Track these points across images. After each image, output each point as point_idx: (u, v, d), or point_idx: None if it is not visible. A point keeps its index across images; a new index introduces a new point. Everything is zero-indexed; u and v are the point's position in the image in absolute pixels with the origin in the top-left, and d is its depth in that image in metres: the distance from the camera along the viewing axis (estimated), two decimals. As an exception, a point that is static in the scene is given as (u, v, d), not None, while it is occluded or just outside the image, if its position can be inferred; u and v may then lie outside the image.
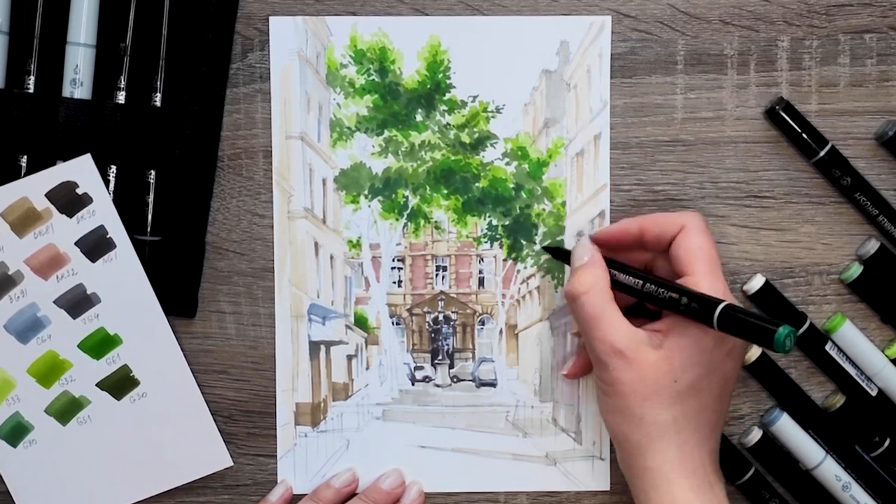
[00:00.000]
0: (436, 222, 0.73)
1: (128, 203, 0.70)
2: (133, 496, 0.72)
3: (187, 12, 0.69)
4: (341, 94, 0.72)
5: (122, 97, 0.70)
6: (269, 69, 0.71)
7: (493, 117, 0.72)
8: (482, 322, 0.74)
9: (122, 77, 0.70)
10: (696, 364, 0.63)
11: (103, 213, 0.70)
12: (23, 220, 0.69)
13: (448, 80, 0.72)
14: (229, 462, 0.73)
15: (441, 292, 0.74)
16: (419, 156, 0.72)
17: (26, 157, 0.70)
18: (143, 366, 0.71)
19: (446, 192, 0.73)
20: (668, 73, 0.72)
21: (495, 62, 0.72)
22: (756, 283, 0.71)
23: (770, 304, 0.71)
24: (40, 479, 0.71)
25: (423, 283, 0.74)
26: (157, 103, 0.70)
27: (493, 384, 0.74)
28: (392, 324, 0.74)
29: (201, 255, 0.72)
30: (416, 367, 0.74)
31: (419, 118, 0.72)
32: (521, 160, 0.72)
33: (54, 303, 0.70)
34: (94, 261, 0.70)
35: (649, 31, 0.72)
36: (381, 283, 0.73)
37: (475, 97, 0.72)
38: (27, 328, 0.70)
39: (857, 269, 0.72)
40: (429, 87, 0.72)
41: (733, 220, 0.72)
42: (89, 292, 0.70)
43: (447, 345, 0.74)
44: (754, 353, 0.71)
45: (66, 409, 0.71)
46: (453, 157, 0.72)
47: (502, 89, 0.72)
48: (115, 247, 0.70)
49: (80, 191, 0.69)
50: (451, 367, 0.74)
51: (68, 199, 0.70)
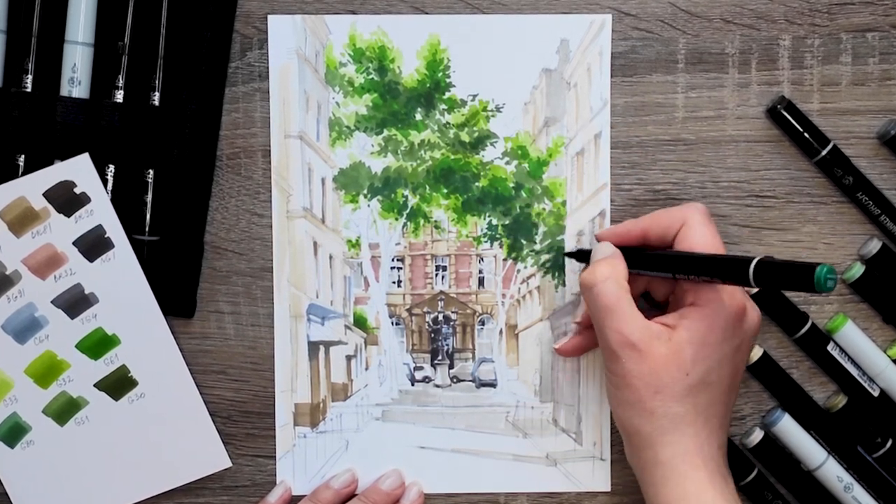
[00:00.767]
0: (435, 222, 0.73)
1: (126, 202, 0.70)
2: (131, 497, 0.72)
3: (186, 11, 0.69)
4: (340, 93, 0.72)
5: (120, 96, 0.70)
6: (268, 68, 0.71)
7: (492, 116, 0.72)
8: (482, 322, 0.74)
9: (120, 76, 0.70)
10: (706, 357, 0.63)
11: (101, 212, 0.70)
12: (20, 220, 0.69)
13: (448, 79, 0.72)
14: (228, 463, 0.72)
15: (441, 292, 0.74)
16: (419, 155, 0.72)
17: (24, 156, 0.70)
18: (142, 366, 0.71)
19: (446, 191, 0.72)
20: (669, 72, 0.71)
21: (495, 61, 0.71)
22: (757, 282, 0.71)
23: (771, 303, 0.71)
24: (38, 480, 0.71)
25: (423, 282, 0.73)
26: (156, 102, 0.70)
27: (493, 384, 0.74)
28: (391, 324, 0.73)
29: (200, 254, 0.71)
30: (416, 368, 0.74)
31: (419, 117, 0.72)
32: (521, 159, 0.72)
33: (52, 303, 0.70)
34: (92, 260, 0.70)
35: (650, 30, 0.71)
36: (380, 283, 0.73)
37: (475, 96, 0.72)
38: (25, 328, 0.70)
39: (859, 269, 0.71)
40: (428, 85, 0.72)
41: (735, 220, 0.72)
42: (87, 292, 0.70)
43: (447, 345, 0.74)
44: (756, 354, 0.71)
45: (64, 410, 0.71)
46: (453, 157, 0.72)
47: (502, 88, 0.72)
48: (113, 246, 0.70)
49: (77, 190, 0.69)
50: (451, 367, 0.74)
51: (66, 199, 0.69)
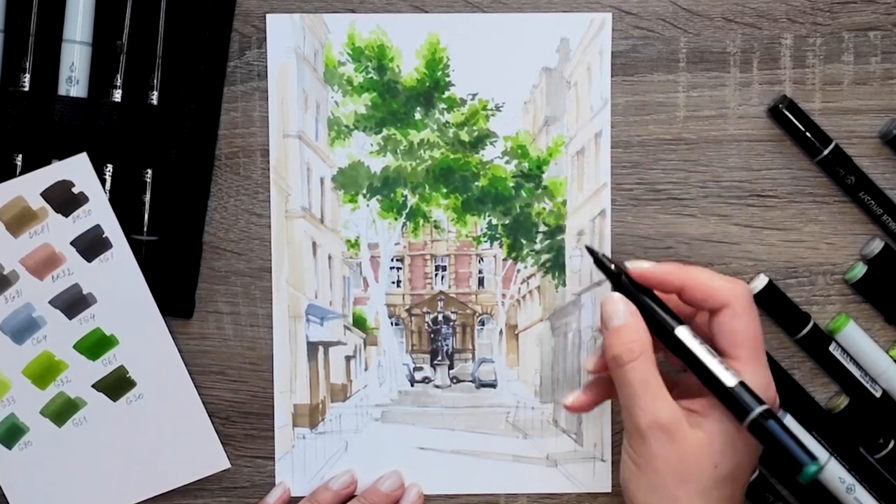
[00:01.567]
0: (435, 221, 0.72)
1: (124, 202, 0.70)
2: (130, 499, 0.72)
3: (184, 10, 0.69)
4: (339, 92, 0.71)
5: (118, 95, 0.69)
6: (267, 67, 0.71)
7: (492, 115, 0.72)
8: (482, 322, 0.73)
9: (118, 75, 0.69)
10: (735, 451, 0.61)
11: (99, 212, 0.69)
12: (18, 220, 0.69)
13: (447, 78, 0.71)
14: (227, 464, 0.72)
15: (440, 292, 0.73)
16: (418, 154, 0.72)
17: (21, 155, 0.69)
18: (140, 367, 0.71)
19: (445, 190, 0.72)
20: (670, 71, 0.71)
21: (495, 60, 0.71)
22: (759, 283, 0.71)
23: (773, 304, 0.71)
24: (35, 482, 0.71)
25: (423, 283, 0.73)
26: (154, 101, 0.70)
27: (493, 385, 0.73)
28: (391, 324, 0.73)
29: (198, 254, 0.71)
30: (416, 368, 0.73)
31: (418, 116, 0.72)
32: (521, 158, 0.72)
33: (50, 303, 0.70)
34: (90, 261, 0.70)
35: (651, 29, 0.71)
36: (379, 284, 0.73)
37: (474, 95, 0.71)
38: (22, 329, 0.70)
39: (861, 269, 0.71)
40: (428, 84, 0.71)
41: (736, 220, 0.72)
42: (85, 292, 0.70)
43: (447, 345, 0.74)
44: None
45: (62, 411, 0.71)
46: (452, 156, 0.72)
47: (502, 87, 0.71)
48: (111, 246, 0.70)
49: (75, 190, 0.69)
50: (451, 367, 0.73)
51: (64, 199, 0.69)
